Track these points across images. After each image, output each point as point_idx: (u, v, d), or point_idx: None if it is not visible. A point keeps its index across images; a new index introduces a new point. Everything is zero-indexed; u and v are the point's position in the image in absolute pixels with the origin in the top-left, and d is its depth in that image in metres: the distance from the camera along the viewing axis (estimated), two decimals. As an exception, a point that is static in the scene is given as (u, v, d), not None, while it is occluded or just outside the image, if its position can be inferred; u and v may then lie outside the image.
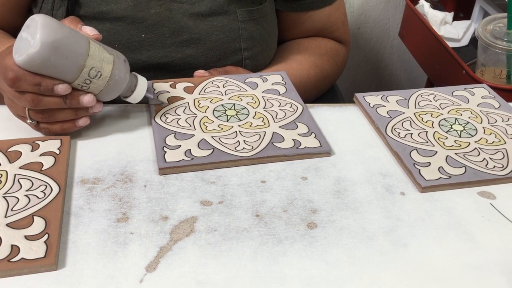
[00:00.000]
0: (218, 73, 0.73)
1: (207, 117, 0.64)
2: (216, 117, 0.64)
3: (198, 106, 0.66)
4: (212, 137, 0.61)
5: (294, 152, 0.59)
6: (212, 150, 0.59)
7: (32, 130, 0.62)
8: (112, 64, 0.58)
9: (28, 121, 0.59)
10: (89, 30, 0.59)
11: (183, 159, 0.57)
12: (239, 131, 0.62)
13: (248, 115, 0.65)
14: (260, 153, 0.59)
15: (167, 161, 0.57)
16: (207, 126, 0.62)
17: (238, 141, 0.60)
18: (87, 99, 0.58)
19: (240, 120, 0.64)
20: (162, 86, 0.69)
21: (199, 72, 0.73)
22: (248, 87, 0.71)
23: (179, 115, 0.64)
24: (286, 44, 0.89)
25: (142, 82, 0.62)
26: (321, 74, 0.86)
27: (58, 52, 0.54)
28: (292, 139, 0.61)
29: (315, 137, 0.62)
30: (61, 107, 0.58)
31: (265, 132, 0.62)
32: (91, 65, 0.56)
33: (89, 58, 0.56)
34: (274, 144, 0.60)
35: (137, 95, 0.62)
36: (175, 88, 0.69)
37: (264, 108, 0.66)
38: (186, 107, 0.66)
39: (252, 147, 0.59)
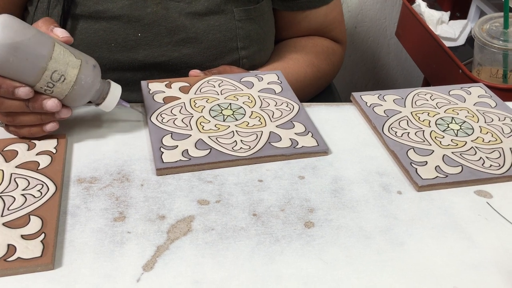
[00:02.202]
0: (212, 74, 0.73)
1: (204, 117, 0.64)
2: (213, 117, 0.64)
3: (194, 106, 0.66)
4: (209, 137, 0.60)
5: (291, 152, 0.59)
6: (209, 150, 0.58)
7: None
8: (78, 69, 0.56)
9: None
10: (59, 32, 0.57)
11: (180, 160, 0.57)
12: (236, 130, 0.62)
13: (245, 114, 0.65)
14: (258, 152, 0.59)
15: (164, 161, 0.56)
16: (203, 126, 0.62)
17: (235, 141, 0.60)
18: (50, 104, 0.55)
19: (237, 120, 0.64)
20: (157, 86, 0.69)
21: (195, 72, 0.73)
22: (244, 86, 0.71)
23: (175, 115, 0.64)
24: (283, 43, 0.89)
25: (115, 90, 0.60)
26: (317, 73, 0.86)
27: (17, 53, 0.52)
28: (289, 139, 0.61)
29: (312, 136, 0.62)
30: (24, 110, 0.56)
31: (262, 131, 0.62)
32: (53, 68, 0.54)
33: (51, 61, 0.54)
34: (271, 143, 0.60)
35: (109, 103, 0.60)
36: (171, 88, 0.69)
37: (260, 107, 0.66)
38: (182, 107, 0.66)
39: (250, 147, 0.59)
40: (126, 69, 0.75)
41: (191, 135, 0.61)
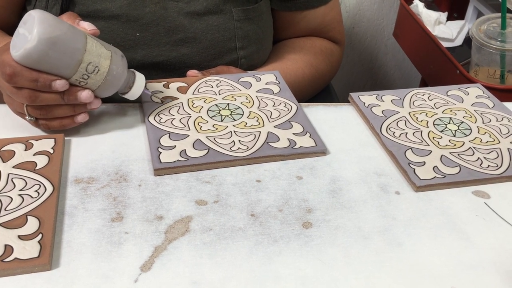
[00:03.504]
0: (210, 75, 0.73)
1: (201, 117, 0.64)
2: (211, 117, 0.64)
3: (192, 106, 0.66)
4: (207, 137, 0.60)
5: (289, 152, 0.59)
6: (207, 150, 0.58)
7: (26, 129, 0.61)
8: (109, 60, 0.58)
9: (27, 117, 0.59)
10: (86, 25, 0.59)
11: (178, 160, 0.57)
12: (234, 131, 0.62)
13: (243, 114, 0.65)
14: (256, 153, 0.59)
15: (162, 161, 0.56)
16: (201, 126, 0.62)
17: (233, 141, 0.60)
18: (84, 95, 0.58)
19: (235, 120, 0.64)
20: (155, 86, 0.69)
21: (192, 72, 0.73)
22: (242, 86, 0.70)
23: (173, 115, 0.64)
24: (281, 43, 0.89)
25: (140, 79, 0.63)
26: (316, 74, 0.86)
27: (56, 47, 0.54)
28: (287, 139, 0.61)
29: (310, 137, 0.62)
30: (59, 103, 0.58)
31: (260, 131, 0.62)
32: (88, 60, 0.56)
33: (86, 53, 0.56)
34: (269, 143, 0.60)
35: (135, 92, 0.62)
36: (168, 88, 0.69)
37: (258, 107, 0.66)
38: (180, 107, 0.65)
39: (248, 147, 0.59)
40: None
41: (189, 135, 0.60)
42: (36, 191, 0.52)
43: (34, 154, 0.57)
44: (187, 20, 0.74)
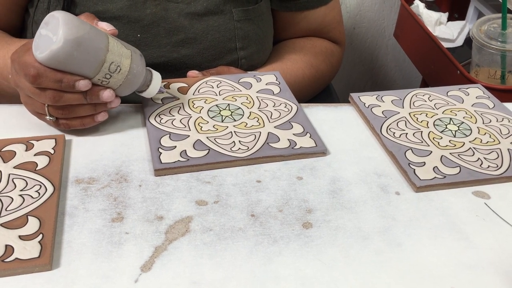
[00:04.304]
0: (210, 75, 0.73)
1: (202, 117, 0.64)
2: (211, 118, 0.64)
3: (193, 106, 0.66)
4: (207, 137, 0.60)
5: (289, 152, 0.59)
6: (207, 150, 0.59)
7: (26, 129, 0.62)
8: (130, 59, 0.58)
9: (47, 117, 0.59)
10: (105, 26, 0.59)
11: (178, 160, 0.57)
12: (234, 131, 0.62)
13: (243, 115, 0.65)
14: (256, 153, 0.59)
15: (162, 162, 0.56)
16: (202, 127, 0.62)
17: (234, 141, 0.60)
18: (106, 94, 0.58)
19: (235, 121, 0.64)
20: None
21: (193, 73, 0.73)
22: (242, 87, 0.71)
23: (173, 115, 0.64)
24: (281, 43, 0.89)
25: (157, 77, 0.63)
26: (316, 74, 0.86)
27: (80, 47, 0.54)
28: (288, 139, 0.61)
29: (310, 137, 0.62)
30: (81, 102, 0.58)
31: (260, 132, 0.62)
32: (111, 60, 0.57)
33: (109, 53, 0.56)
34: (270, 144, 0.60)
35: (152, 89, 0.63)
36: (169, 88, 0.69)
37: (258, 108, 0.66)
38: (180, 107, 0.66)
39: (248, 148, 0.59)
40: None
41: (189, 135, 0.61)
42: (36, 191, 0.52)
43: (34, 155, 0.57)
44: (188, 21, 0.74)
